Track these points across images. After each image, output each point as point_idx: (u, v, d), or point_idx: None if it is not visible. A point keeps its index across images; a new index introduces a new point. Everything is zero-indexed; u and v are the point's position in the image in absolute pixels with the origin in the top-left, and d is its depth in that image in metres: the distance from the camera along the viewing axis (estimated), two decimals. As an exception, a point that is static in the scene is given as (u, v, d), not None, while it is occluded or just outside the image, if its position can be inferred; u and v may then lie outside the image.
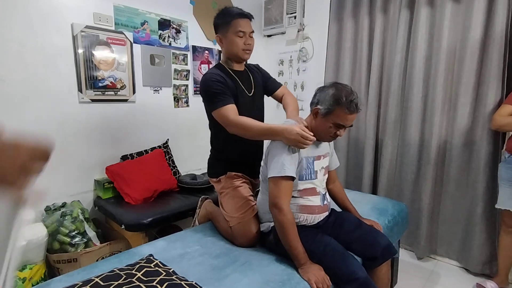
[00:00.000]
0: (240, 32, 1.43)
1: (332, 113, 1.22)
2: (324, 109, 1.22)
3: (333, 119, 1.22)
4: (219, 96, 1.39)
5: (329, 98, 1.21)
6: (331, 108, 1.21)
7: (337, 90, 1.22)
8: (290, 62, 3.10)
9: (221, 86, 1.41)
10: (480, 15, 1.88)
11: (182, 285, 0.96)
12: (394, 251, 1.30)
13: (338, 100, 1.19)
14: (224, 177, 1.53)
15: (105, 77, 2.13)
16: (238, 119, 1.36)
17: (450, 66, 2.07)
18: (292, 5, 2.86)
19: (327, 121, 1.24)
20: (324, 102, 1.23)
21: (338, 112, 1.21)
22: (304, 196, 1.30)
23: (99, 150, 2.17)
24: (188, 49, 2.64)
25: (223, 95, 1.40)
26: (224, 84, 1.42)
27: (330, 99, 1.21)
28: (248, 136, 1.37)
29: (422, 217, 2.18)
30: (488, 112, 1.89)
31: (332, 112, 1.21)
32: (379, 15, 2.35)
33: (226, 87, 1.42)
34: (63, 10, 1.92)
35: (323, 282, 1.08)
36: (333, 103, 1.20)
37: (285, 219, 1.18)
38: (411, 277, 2.01)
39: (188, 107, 2.69)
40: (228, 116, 1.36)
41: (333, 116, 1.22)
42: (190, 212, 1.94)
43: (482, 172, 1.93)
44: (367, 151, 2.47)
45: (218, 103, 1.38)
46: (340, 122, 1.23)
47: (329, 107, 1.21)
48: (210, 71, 1.49)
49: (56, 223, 1.75)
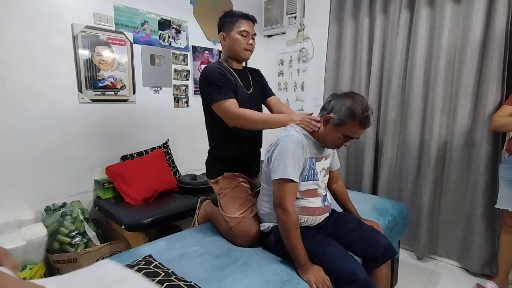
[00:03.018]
0: (244, 31, 1.47)
1: (344, 125, 1.20)
2: (337, 119, 1.20)
3: (343, 130, 1.21)
4: (221, 89, 1.39)
5: (345, 110, 1.18)
6: (344, 119, 1.19)
7: (354, 102, 1.19)
8: (290, 63, 3.10)
9: (222, 79, 1.42)
10: (480, 15, 1.88)
11: (180, 285, 0.96)
12: (394, 252, 1.30)
13: (353, 113, 1.17)
14: (221, 178, 1.53)
15: (105, 77, 2.13)
16: (241, 110, 1.37)
17: (450, 66, 2.07)
18: (292, 5, 2.86)
19: (337, 131, 1.22)
20: (338, 112, 1.20)
21: (350, 125, 1.19)
22: (305, 197, 1.30)
23: (99, 150, 2.17)
24: (188, 49, 2.64)
25: (225, 89, 1.40)
26: (225, 78, 1.43)
27: (345, 111, 1.18)
28: (251, 125, 1.39)
29: (422, 217, 2.18)
30: (488, 112, 1.89)
31: (345, 124, 1.19)
32: (379, 15, 2.35)
33: (227, 81, 1.43)
34: (63, 10, 1.92)
35: (323, 282, 1.08)
36: (348, 116, 1.18)
37: (290, 220, 1.17)
38: (411, 278, 2.01)
39: (188, 107, 2.69)
40: (231, 109, 1.37)
41: (344, 128, 1.20)
42: (190, 212, 1.94)
43: (482, 172, 1.93)
44: (367, 151, 2.47)
45: (220, 96, 1.38)
46: (350, 135, 1.22)
47: (342, 119, 1.19)
48: (211, 64, 1.51)
49: (56, 223, 1.75)
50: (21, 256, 1.56)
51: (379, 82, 2.42)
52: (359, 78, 2.52)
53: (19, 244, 1.55)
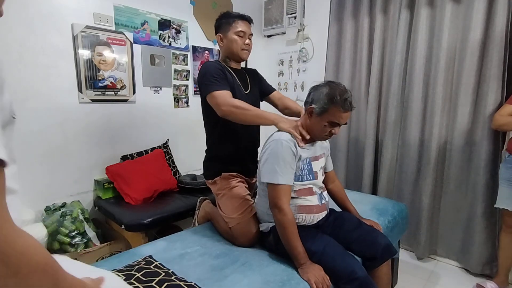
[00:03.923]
0: (241, 32, 1.48)
1: (327, 112, 1.22)
2: (319, 108, 1.23)
3: (327, 118, 1.23)
4: (217, 81, 1.40)
5: (323, 97, 1.22)
6: (325, 107, 1.22)
7: (331, 88, 1.23)
8: (290, 63, 3.10)
9: (220, 73, 1.43)
10: (480, 16, 1.88)
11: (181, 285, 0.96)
12: (394, 251, 1.30)
13: (332, 99, 1.20)
14: (219, 179, 1.53)
15: (105, 77, 2.13)
16: (234, 100, 1.37)
17: (450, 67, 2.07)
18: (292, 5, 2.86)
19: (322, 120, 1.25)
20: (318, 101, 1.24)
21: (332, 111, 1.22)
22: (301, 196, 1.30)
23: (99, 150, 2.17)
24: (188, 49, 2.64)
25: (221, 81, 1.41)
26: (223, 73, 1.45)
27: (324, 98, 1.22)
28: (242, 118, 1.35)
29: (422, 217, 2.18)
30: (488, 112, 1.89)
31: (327, 111, 1.22)
32: (379, 15, 2.35)
33: (225, 76, 1.45)
34: (63, 10, 1.93)
35: (323, 282, 1.08)
36: (328, 102, 1.21)
37: (286, 219, 1.18)
38: (411, 278, 2.01)
39: (188, 107, 2.69)
40: (224, 96, 1.36)
41: (327, 115, 1.23)
42: (190, 212, 1.94)
43: (482, 172, 1.93)
44: (367, 152, 2.47)
45: (215, 87, 1.38)
46: (335, 121, 1.23)
47: (323, 106, 1.22)
48: (210, 61, 1.53)
49: (56, 223, 1.75)
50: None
51: (379, 82, 2.42)
52: (359, 78, 2.52)
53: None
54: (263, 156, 1.29)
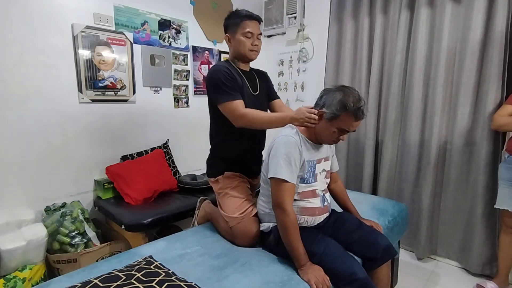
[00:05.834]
0: (249, 33, 1.47)
1: (338, 119, 1.20)
2: (330, 113, 1.20)
3: (338, 124, 1.21)
4: (229, 90, 1.40)
5: (336, 103, 1.19)
6: (337, 113, 1.19)
7: (345, 95, 1.19)
8: (290, 63, 3.10)
9: (230, 79, 1.42)
10: (480, 16, 1.88)
11: (181, 286, 0.96)
12: (394, 252, 1.30)
13: (345, 106, 1.17)
14: (221, 177, 1.53)
15: (105, 77, 2.13)
16: (247, 110, 1.38)
17: (450, 67, 2.07)
18: (292, 5, 2.86)
19: (331, 126, 1.22)
20: (330, 106, 1.20)
21: (344, 118, 1.19)
22: (304, 198, 1.30)
23: (99, 150, 2.17)
24: (188, 49, 2.64)
25: (233, 89, 1.41)
26: (233, 78, 1.44)
27: (337, 104, 1.19)
28: (257, 125, 1.39)
29: (422, 217, 2.18)
30: (488, 112, 1.89)
31: (338, 118, 1.20)
32: (379, 15, 2.35)
33: (235, 81, 1.44)
34: (63, 10, 1.93)
35: (323, 283, 1.08)
36: (340, 109, 1.18)
37: (288, 220, 1.17)
38: (411, 278, 2.01)
39: (188, 107, 2.69)
40: (238, 109, 1.37)
41: (338, 122, 1.21)
42: (190, 212, 1.94)
43: (482, 172, 1.93)
44: (367, 152, 2.47)
45: (228, 97, 1.39)
46: (345, 128, 1.21)
47: (335, 112, 1.19)
48: (219, 63, 1.52)
49: (56, 223, 1.75)
50: (21, 256, 1.56)
51: (379, 82, 2.42)
52: (359, 78, 2.52)
53: (19, 244, 1.56)
54: (271, 152, 1.27)
